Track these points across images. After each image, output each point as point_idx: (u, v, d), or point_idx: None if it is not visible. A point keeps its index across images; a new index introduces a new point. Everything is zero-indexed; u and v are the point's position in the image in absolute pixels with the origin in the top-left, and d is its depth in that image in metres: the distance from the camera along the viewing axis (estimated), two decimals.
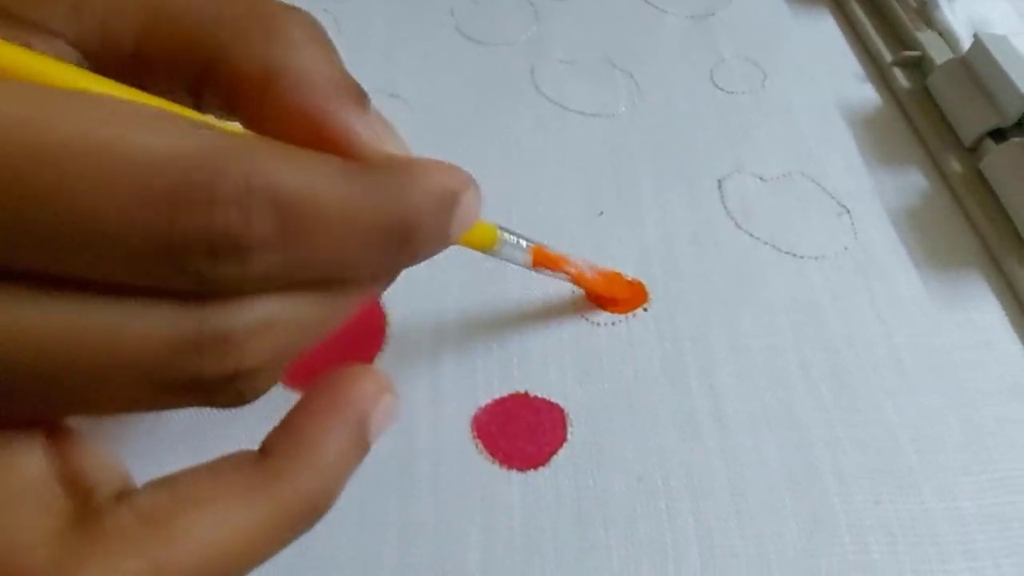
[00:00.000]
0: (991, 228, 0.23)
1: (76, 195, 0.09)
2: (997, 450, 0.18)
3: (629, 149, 0.26)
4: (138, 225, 0.09)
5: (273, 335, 0.11)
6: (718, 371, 0.20)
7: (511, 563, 0.16)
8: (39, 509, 0.10)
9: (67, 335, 0.09)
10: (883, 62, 0.29)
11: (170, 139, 0.09)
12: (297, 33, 0.11)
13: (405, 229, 0.11)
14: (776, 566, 0.16)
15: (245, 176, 0.09)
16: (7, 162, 0.08)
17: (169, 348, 0.10)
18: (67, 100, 0.09)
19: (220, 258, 0.09)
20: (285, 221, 0.10)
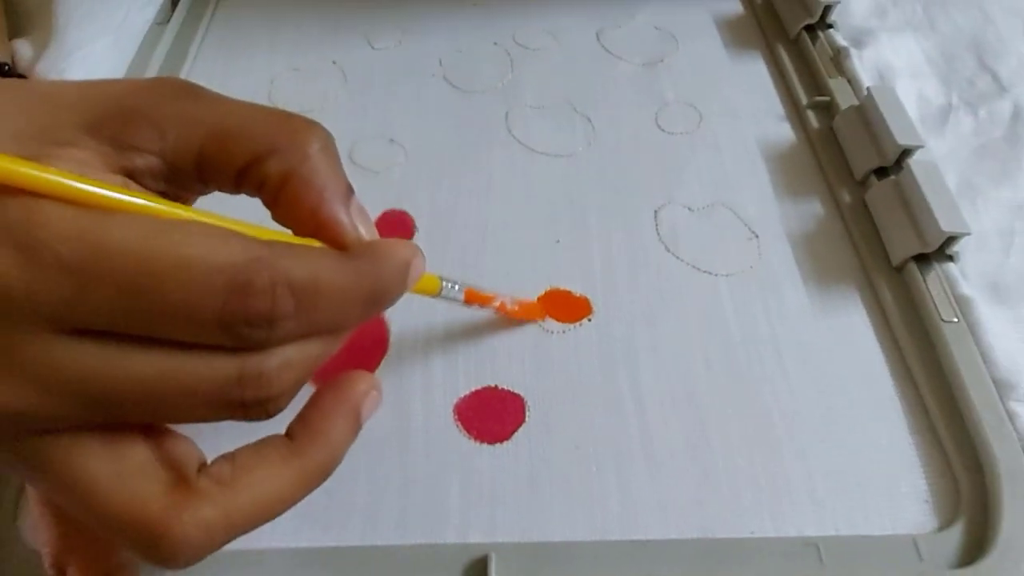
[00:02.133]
0: (867, 249, 0.29)
1: (171, 289, 0.14)
2: (846, 424, 0.24)
3: (583, 185, 0.31)
4: (206, 307, 0.14)
5: (291, 370, 0.16)
6: (640, 366, 0.26)
7: (481, 511, 0.22)
8: (149, 476, 0.16)
9: (160, 375, 0.15)
10: (800, 104, 0.35)
11: (224, 252, 0.15)
12: (313, 146, 0.17)
13: (378, 292, 0.17)
14: (672, 510, 0.22)
15: (270, 275, 0.15)
16: (131, 269, 0.14)
17: (222, 383, 0.15)
18: (164, 227, 0.14)
19: (255, 327, 0.15)
20: (299, 301, 0.15)
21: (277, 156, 0.16)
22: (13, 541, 0.22)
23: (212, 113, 0.16)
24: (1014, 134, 0.33)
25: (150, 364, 0.15)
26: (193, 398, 0.15)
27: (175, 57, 0.37)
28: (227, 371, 0.15)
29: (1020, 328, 0.26)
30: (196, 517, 0.15)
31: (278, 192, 0.17)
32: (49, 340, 0.14)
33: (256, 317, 0.15)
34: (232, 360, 0.15)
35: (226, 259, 0.14)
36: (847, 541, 0.22)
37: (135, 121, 0.16)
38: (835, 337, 0.27)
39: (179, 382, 0.15)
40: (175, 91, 0.16)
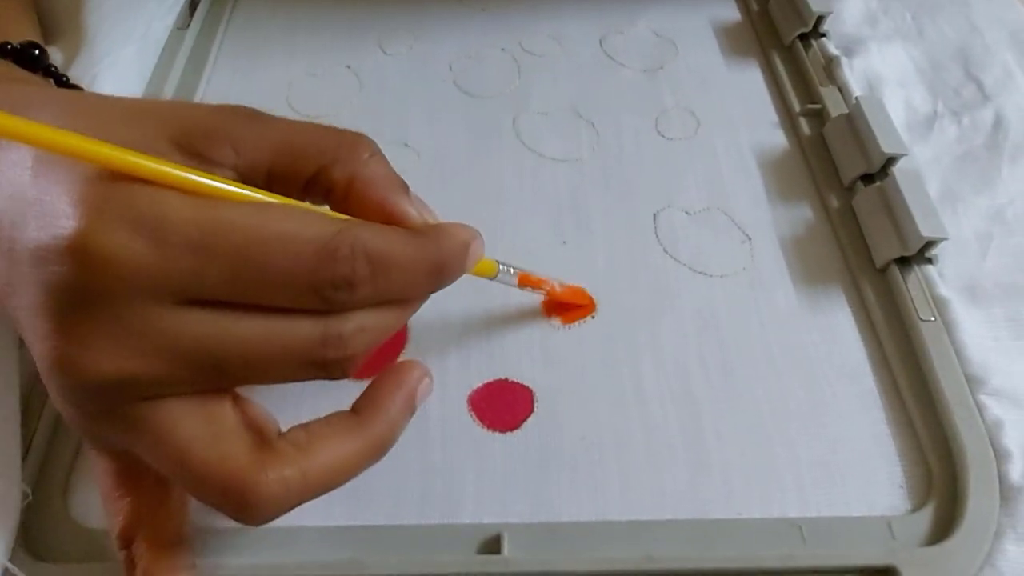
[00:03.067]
0: (853, 252, 0.31)
1: (274, 257, 0.17)
2: (830, 415, 0.26)
3: (587, 189, 0.33)
4: (301, 271, 0.17)
5: (365, 334, 0.19)
6: (640, 362, 0.28)
7: (494, 494, 0.24)
8: (238, 438, 0.18)
9: (262, 337, 0.17)
10: (793, 111, 0.36)
11: (313, 227, 0.17)
12: (366, 153, 0.20)
13: (441, 267, 0.20)
14: (669, 494, 0.24)
15: (351, 244, 0.17)
16: (241, 242, 0.16)
17: (309, 343, 0.18)
18: (265, 208, 0.17)
19: (339, 290, 0.18)
20: (374, 268, 0.18)
21: (339, 165, 0.19)
22: (63, 516, 0.24)
23: (277, 134, 0.19)
24: (994, 142, 0.35)
25: (253, 328, 0.17)
26: (287, 357, 0.18)
27: (196, 62, 0.38)
28: (314, 332, 0.18)
29: (992, 327, 0.28)
30: (279, 475, 0.18)
31: (345, 195, 0.19)
32: (170, 311, 0.16)
33: (340, 280, 0.17)
34: (318, 323, 0.18)
35: (317, 231, 0.17)
36: (827, 522, 0.24)
37: (215, 140, 0.18)
38: (821, 335, 0.29)
39: (277, 342, 0.18)
40: (247, 115, 0.19)
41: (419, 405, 0.21)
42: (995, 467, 0.24)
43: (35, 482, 0.24)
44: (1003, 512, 0.23)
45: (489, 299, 0.29)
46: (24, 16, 0.33)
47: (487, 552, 0.23)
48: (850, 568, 0.22)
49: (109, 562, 0.22)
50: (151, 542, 0.20)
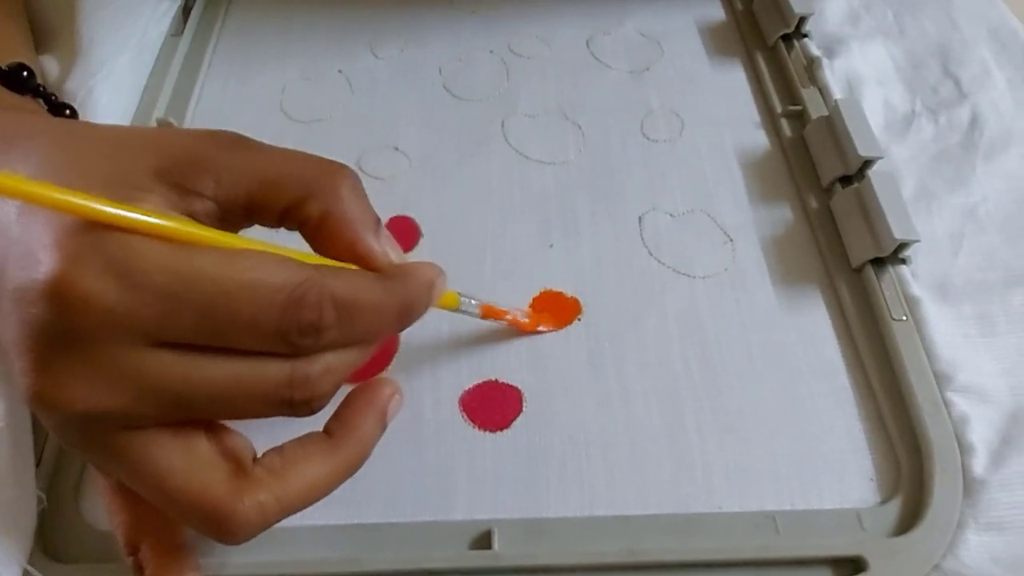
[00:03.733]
0: (830, 252, 0.32)
1: (241, 306, 0.17)
2: (805, 412, 0.28)
3: (573, 192, 0.34)
4: (267, 319, 0.18)
5: (331, 374, 0.20)
6: (625, 363, 0.29)
7: (485, 491, 0.26)
8: (214, 468, 0.19)
9: (228, 378, 0.18)
10: (775, 112, 0.37)
11: (281, 274, 0.18)
12: (344, 189, 0.20)
13: (408, 308, 0.21)
14: (652, 489, 0.26)
15: (319, 292, 0.18)
16: (209, 291, 0.17)
17: (276, 384, 0.19)
18: (234, 256, 0.18)
19: (305, 335, 0.18)
20: (340, 313, 0.19)
21: (314, 199, 0.19)
22: (76, 519, 0.25)
23: (258, 164, 0.19)
24: (970, 140, 0.36)
25: (220, 370, 0.18)
26: (253, 397, 0.18)
27: (190, 68, 0.39)
28: (280, 374, 0.19)
29: (961, 325, 0.30)
30: (254, 501, 0.19)
31: (317, 229, 0.20)
32: (140, 352, 0.17)
33: (307, 326, 0.18)
34: (285, 365, 0.19)
35: (284, 280, 0.18)
36: (800, 514, 0.25)
37: (196, 171, 0.19)
38: (798, 334, 0.30)
39: (243, 384, 0.18)
40: (228, 143, 0.19)
41: (390, 421, 0.22)
42: (959, 461, 0.25)
43: (48, 488, 0.25)
44: (966, 504, 0.25)
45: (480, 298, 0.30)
46: (15, 29, 0.33)
47: (478, 548, 0.24)
48: (821, 558, 0.24)
49: (120, 563, 0.24)
50: (155, 549, 0.21)
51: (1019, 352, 0.29)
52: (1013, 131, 0.36)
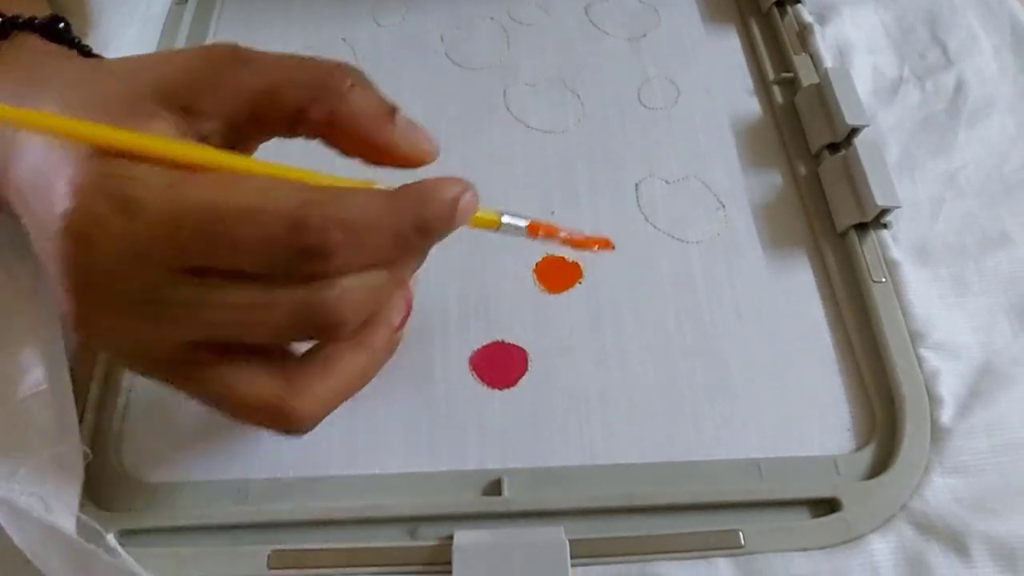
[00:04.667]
0: (817, 217, 0.33)
1: (240, 233, 0.18)
2: (790, 367, 0.30)
3: (574, 160, 0.36)
4: (272, 244, 0.18)
5: (353, 297, 0.19)
6: (623, 323, 0.31)
7: (494, 443, 0.28)
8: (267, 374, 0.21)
9: (248, 301, 0.19)
10: (768, 79, 0.39)
11: (281, 199, 0.18)
12: (345, 85, 0.21)
13: (423, 226, 0.20)
14: (647, 439, 0.28)
15: (321, 215, 0.18)
16: (206, 218, 0.18)
17: (292, 309, 0.19)
18: (233, 181, 0.19)
19: (313, 260, 0.18)
20: (347, 234, 0.18)
21: (317, 104, 0.20)
22: (118, 470, 0.27)
23: (258, 75, 0.20)
24: (954, 107, 0.38)
25: (238, 295, 0.19)
26: (272, 322, 0.19)
27: (196, 37, 0.40)
28: (294, 300, 0.19)
29: (937, 286, 0.32)
30: (312, 395, 0.21)
31: (329, 132, 0.20)
32: (157, 279, 0.18)
33: (312, 250, 0.18)
34: (298, 291, 0.19)
35: (284, 205, 0.18)
36: (783, 461, 0.27)
37: (196, 91, 0.20)
38: (785, 295, 0.32)
39: (261, 309, 0.19)
40: (225, 59, 0.20)
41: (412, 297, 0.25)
42: (928, 412, 0.28)
43: (91, 443, 0.27)
44: (933, 450, 0.27)
45: (486, 275, 0.32)
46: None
47: (490, 494, 0.27)
48: (799, 500, 0.26)
49: (159, 509, 0.26)
50: None
51: (989, 311, 0.31)
52: (996, 98, 0.38)
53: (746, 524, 0.26)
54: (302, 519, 0.26)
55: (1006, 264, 0.32)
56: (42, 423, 0.26)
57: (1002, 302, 0.31)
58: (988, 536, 0.25)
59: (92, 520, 0.25)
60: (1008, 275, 0.32)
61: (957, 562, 0.25)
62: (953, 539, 0.25)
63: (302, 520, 0.26)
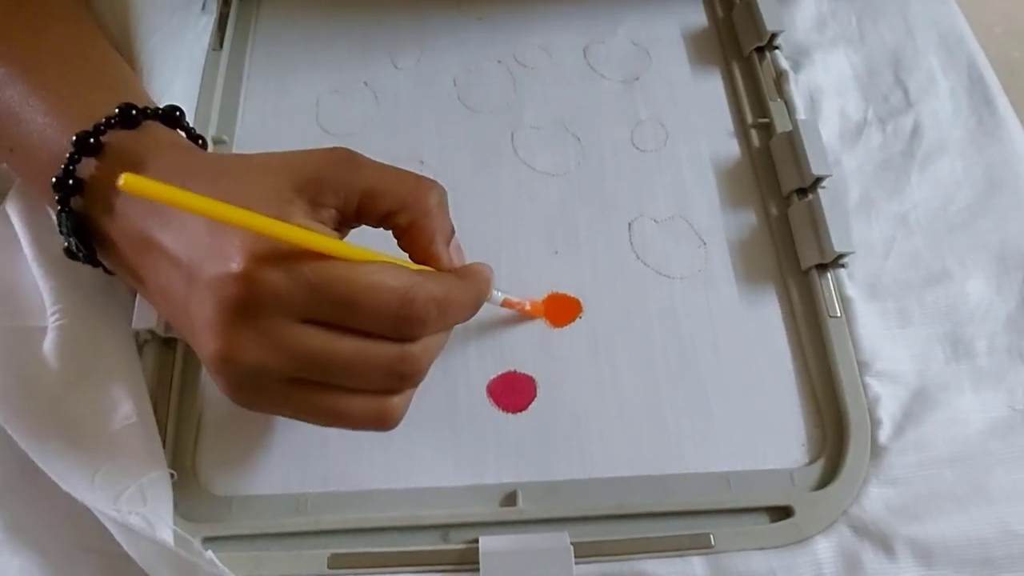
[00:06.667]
0: (785, 257, 0.39)
1: (365, 301, 0.25)
2: (757, 392, 0.35)
3: (574, 201, 0.41)
4: (385, 313, 0.25)
5: (429, 352, 0.28)
6: (617, 353, 0.36)
7: (509, 460, 0.34)
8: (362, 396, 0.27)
9: (355, 351, 0.26)
10: (747, 123, 0.43)
11: (396, 279, 0.26)
12: (431, 203, 0.28)
13: (479, 299, 0.30)
14: (636, 455, 0.34)
15: (425, 294, 0.26)
16: (343, 287, 0.25)
17: (389, 359, 0.27)
18: (362, 264, 0.25)
19: (415, 327, 0.26)
20: (440, 310, 0.26)
21: (406, 211, 0.28)
22: (197, 488, 0.33)
23: (366, 179, 0.27)
24: (910, 149, 0.42)
25: (351, 345, 0.26)
26: (373, 368, 0.26)
27: (232, 82, 0.44)
28: (393, 351, 0.26)
29: (884, 319, 0.37)
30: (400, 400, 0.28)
31: (405, 233, 0.28)
32: (294, 326, 0.25)
33: (416, 320, 0.26)
34: (395, 346, 0.26)
35: (399, 284, 0.25)
36: (748, 474, 0.33)
37: (322, 187, 0.27)
38: (755, 327, 0.37)
39: (365, 355, 0.26)
40: (344, 163, 0.27)
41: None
42: (869, 432, 0.33)
43: (172, 464, 0.33)
44: (871, 465, 0.33)
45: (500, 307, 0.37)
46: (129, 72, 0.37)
47: (507, 505, 0.32)
48: (759, 507, 0.32)
49: (231, 519, 0.32)
50: None
51: (927, 340, 0.37)
52: (947, 141, 0.42)
53: (716, 528, 0.31)
54: (352, 527, 0.32)
55: (944, 298, 0.38)
56: (136, 452, 0.31)
57: (939, 332, 0.37)
58: (911, 538, 0.31)
59: (183, 532, 0.30)
60: (945, 308, 0.37)
61: (885, 560, 0.31)
62: (882, 541, 0.31)
63: (352, 528, 0.32)
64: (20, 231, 0.36)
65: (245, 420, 0.34)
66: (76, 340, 0.33)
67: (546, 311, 0.37)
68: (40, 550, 0.29)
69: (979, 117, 0.44)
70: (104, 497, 0.29)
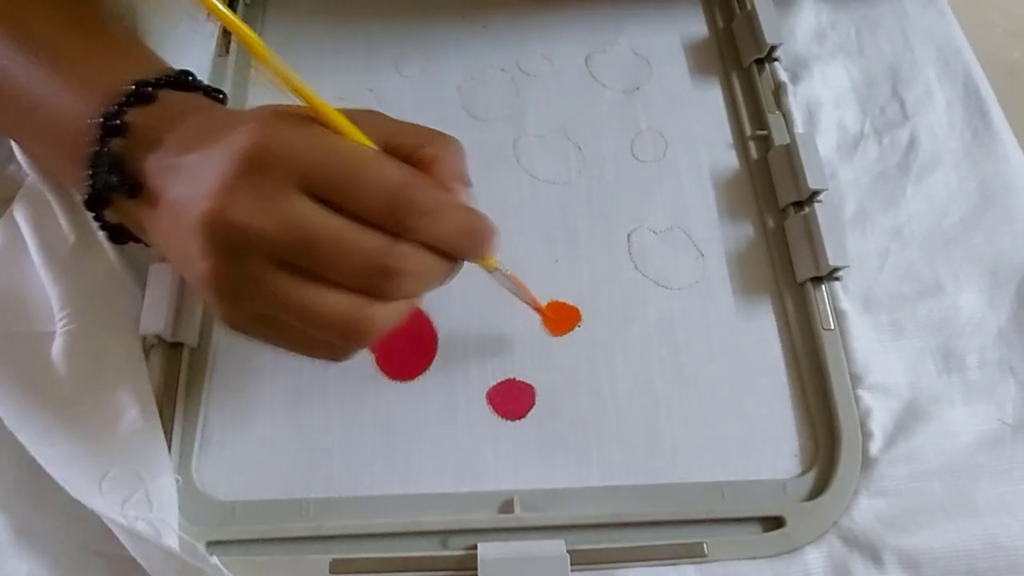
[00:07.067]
0: (781, 269, 0.39)
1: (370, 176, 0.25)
2: (751, 403, 0.36)
3: (575, 211, 0.41)
4: (387, 191, 0.25)
5: (416, 264, 0.26)
6: (615, 363, 0.37)
7: (508, 467, 0.34)
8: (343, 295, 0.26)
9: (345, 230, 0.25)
10: (745, 135, 0.44)
11: (404, 168, 0.26)
12: (454, 144, 0.29)
13: (476, 233, 0.28)
14: (633, 464, 0.34)
15: (427, 185, 0.26)
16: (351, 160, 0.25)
17: (377, 247, 0.25)
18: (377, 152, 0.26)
19: (410, 215, 0.25)
20: (438, 207, 0.25)
21: (432, 145, 0.28)
22: (197, 493, 0.33)
23: (396, 120, 0.28)
24: (906, 162, 0.43)
25: (342, 224, 0.25)
26: (359, 253, 0.25)
27: (239, 87, 0.44)
28: (382, 241, 0.25)
29: (877, 331, 0.38)
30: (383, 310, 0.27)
31: (428, 168, 0.27)
32: (292, 194, 0.25)
33: (413, 205, 0.25)
34: (386, 238, 0.25)
35: (406, 171, 0.26)
36: (742, 484, 0.34)
37: (356, 122, 0.27)
38: (750, 338, 0.38)
39: (355, 239, 0.25)
40: (374, 110, 0.29)
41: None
42: (860, 444, 0.34)
43: (176, 469, 0.33)
44: (862, 477, 0.34)
45: (500, 315, 0.37)
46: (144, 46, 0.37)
47: (504, 512, 0.33)
48: (752, 517, 0.33)
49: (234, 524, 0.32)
50: None
51: (919, 353, 0.37)
52: (942, 154, 0.43)
53: (710, 537, 0.32)
54: (353, 532, 0.32)
55: (937, 311, 0.38)
56: (142, 458, 0.31)
57: (931, 345, 0.37)
58: (899, 549, 0.32)
59: (188, 537, 0.31)
60: (938, 321, 0.38)
61: (873, 570, 0.31)
62: (871, 552, 0.32)
63: (353, 533, 0.32)
64: (28, 236, 0.36)
65: (248, 423, 0.35)
66: (84, 345, 0.33)
67: (546, 319, 0.38)
68: (48, 554, 0.30)
69: (974, 130, 0.44)
70: (111, 502, 0.30)
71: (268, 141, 0.25)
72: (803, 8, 0.48)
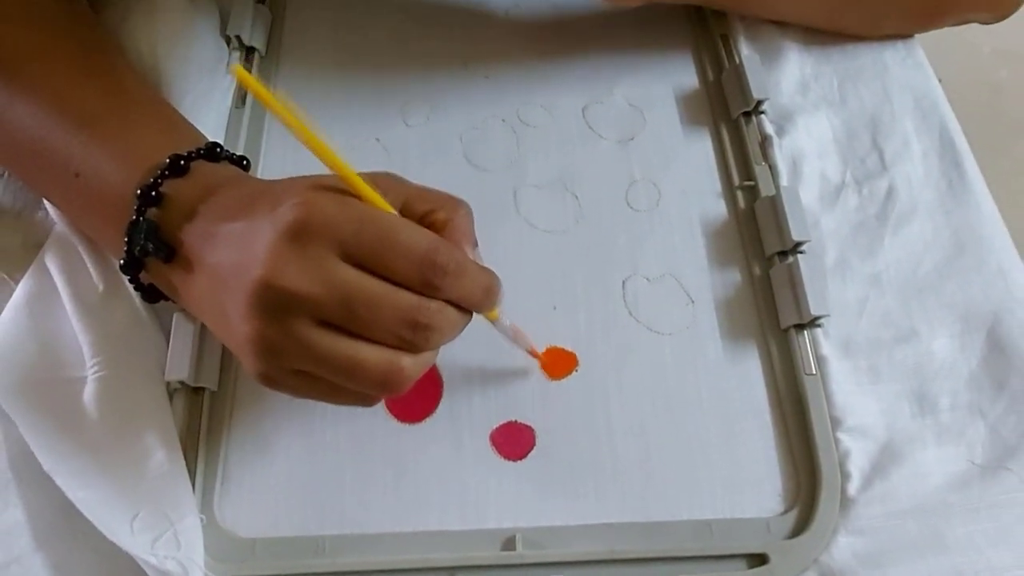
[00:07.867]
0: (766, 315, 0.42)
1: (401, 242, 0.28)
2: (737, 444, 0.38)
3: (572, 259, 0.44)
4: (415, 255, 0.28)
5: (443, 316, 0.29)
6: (610, 406, 0.39)
7: (509, 506, 0.37)
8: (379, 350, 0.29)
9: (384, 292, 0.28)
10: (733, 185, 0.46)
11: (428, 234, 0.29)
12: (464, 208, 0.32)
13: (490, 290, 0.31)
14: (627, 503, 0.37)
15: (449, 249, 0.29)
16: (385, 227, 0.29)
17: (409, 305, 0.28)
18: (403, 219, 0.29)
19: (436, 275, 0.28)
20: (459, 268, 0.29)
21: (444, 209, 0.31)
22: (218, 529, 0.35)
23: (413, 185, 0.32)
24: (884, 212, 0.46)
25: (377, 285, 0.28)
26: (392, 311, 0.28)
27: (254, 137, 0.47)
28: (413, 300, 0.28)
29: (856, 376, 0.40)
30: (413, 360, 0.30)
31: (442, 229, 0.30)
32: (334, 260, 0.28)
33: (438, 267, 0.28)
34: (416, 296, 0.28)
35: (430, 237, 0.29)
36: (728, 522, 0.36)
37: (376, 187, 0.29)
38: (737, 381, 0.40)
39: (389, 298, 0.28)
40: (393, 174, 0.32)
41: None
42: (839, 485, 0.37)
43: (200, 508, 0.36)
44: (841, 515, 0.36)
45: (502, 361, 0.40)
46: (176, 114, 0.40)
47: (507, 549, 0.35)
48: (737, 554, 0.35)
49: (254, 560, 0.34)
50: None
51: (895, 397, 0.40)
52: (919, 203, 0.46)
53: (699, 574, 0.35)
54: (367, 568, 0.35)
55: (912, 356, 0.41)
56: (169, 499, 0.34)
57: (906, 388, 0.40)
58: None
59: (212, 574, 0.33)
60: (913, 366, 0.41)
61: None
62: None
63: (367, 569, 0.35)
64: (59, 284, 0.39)
65: (266, 463, 0.37)
66: (114, 391, 0.36)
67: (544, 364, 0.40)
68: None
69: (949, 180, 0.47)
70: (142, 543, 0.32)
71: (310, 214, 0.27)
72: (788, 60, 0.51)
